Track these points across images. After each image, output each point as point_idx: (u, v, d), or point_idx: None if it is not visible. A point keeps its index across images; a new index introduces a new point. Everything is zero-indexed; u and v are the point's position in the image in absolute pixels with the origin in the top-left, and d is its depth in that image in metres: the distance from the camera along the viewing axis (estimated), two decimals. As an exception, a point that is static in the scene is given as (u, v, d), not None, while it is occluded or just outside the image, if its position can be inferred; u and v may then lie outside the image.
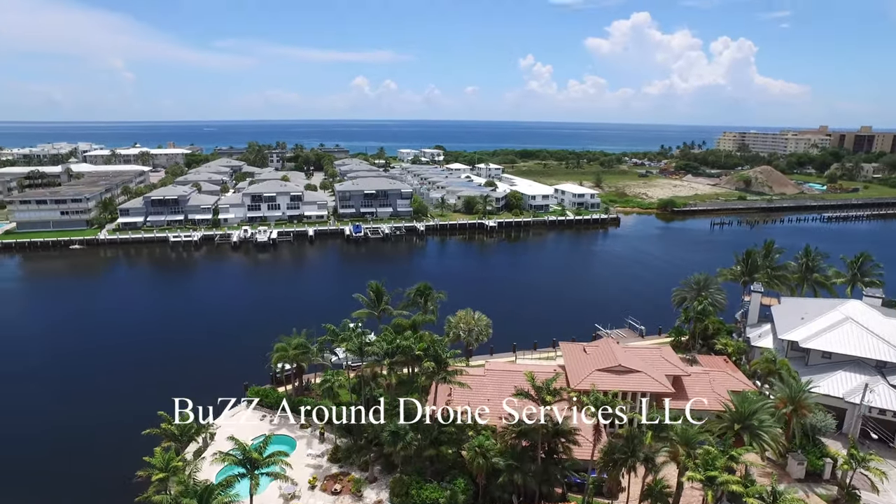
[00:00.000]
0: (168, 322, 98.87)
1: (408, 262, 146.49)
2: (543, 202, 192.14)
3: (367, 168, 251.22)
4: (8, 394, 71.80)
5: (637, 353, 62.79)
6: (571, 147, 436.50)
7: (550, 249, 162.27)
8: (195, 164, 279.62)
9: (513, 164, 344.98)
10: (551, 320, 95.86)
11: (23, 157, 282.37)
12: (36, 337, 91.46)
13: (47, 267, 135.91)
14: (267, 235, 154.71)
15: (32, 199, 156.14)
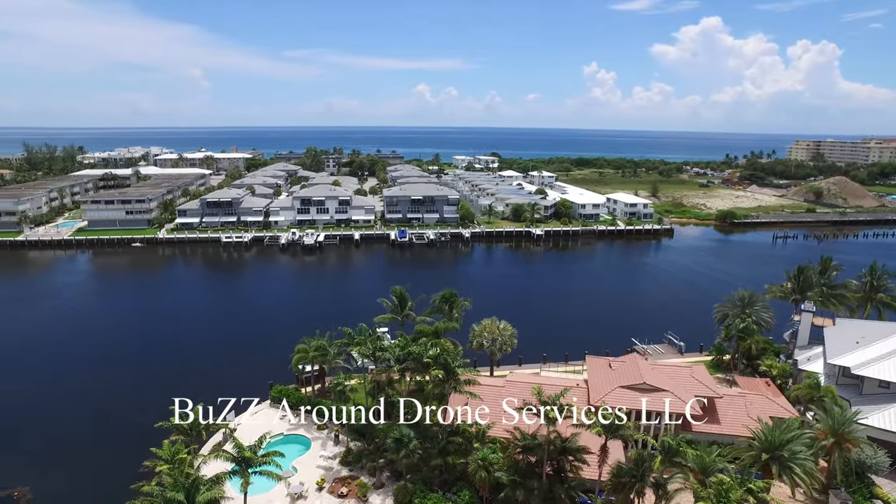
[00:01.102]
0: (211, 319, 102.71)
1: (449, 268, 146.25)
2: (594, 211, 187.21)
3: (419, 174, 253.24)
4: (65, 377, 76.38)
5: (666, 371, 59.47)
6: (630, 156, 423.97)
7: (597, 260, 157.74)
8: (254, 168, 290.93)
9: (568, 172, 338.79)
10: (587, 332, 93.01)
11: (102, 161, 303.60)
12: (95, 328, 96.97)
13: (111, 263, 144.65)
14: (314, 238, 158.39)
15: (102, 199, 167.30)
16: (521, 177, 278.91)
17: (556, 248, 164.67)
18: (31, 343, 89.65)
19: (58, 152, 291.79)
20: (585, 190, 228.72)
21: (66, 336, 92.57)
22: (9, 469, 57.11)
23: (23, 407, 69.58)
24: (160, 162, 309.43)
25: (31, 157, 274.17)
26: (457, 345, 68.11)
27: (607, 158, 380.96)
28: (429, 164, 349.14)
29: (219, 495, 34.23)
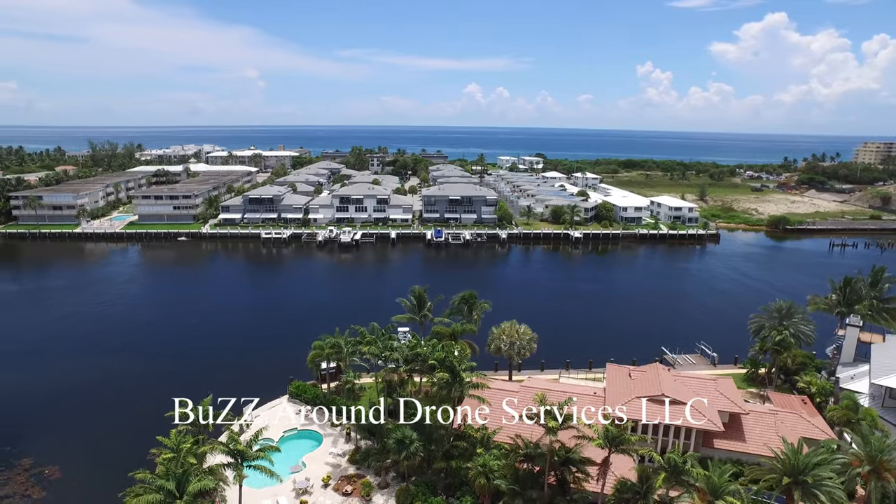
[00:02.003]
0: (244, 312, 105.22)
1: (483, 269, 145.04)
2: (636, 214, 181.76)
3: (460, 174, 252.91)
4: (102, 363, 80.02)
5: (688, 382, 56.64)
6: (681, 158, 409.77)
7: (636, 264, 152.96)
8: (300, 166, 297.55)
9: (614, 173, 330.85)
10: (616, 339, 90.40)
11: (157, 158, 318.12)
12: (136, 317, 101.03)
13: (156, 255, 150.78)
14: (350, 236, 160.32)
15: (151, 194, 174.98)
16: (565, 178, 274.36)
17: (596, 252, 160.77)
18: (74, 330, 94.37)
19: (119, 149, 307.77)
20: (629, 192, 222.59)
21: (107, 325, 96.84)
22: (44, 448, 60.12)
23: (62, 390, 73.16)
24: (211, 159, 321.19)
25: (95, 155, 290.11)
26: (474, 347, 67.40)
27: (655, 160, 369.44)
28: (473, 165, 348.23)
29: (209, 486, 34.55)
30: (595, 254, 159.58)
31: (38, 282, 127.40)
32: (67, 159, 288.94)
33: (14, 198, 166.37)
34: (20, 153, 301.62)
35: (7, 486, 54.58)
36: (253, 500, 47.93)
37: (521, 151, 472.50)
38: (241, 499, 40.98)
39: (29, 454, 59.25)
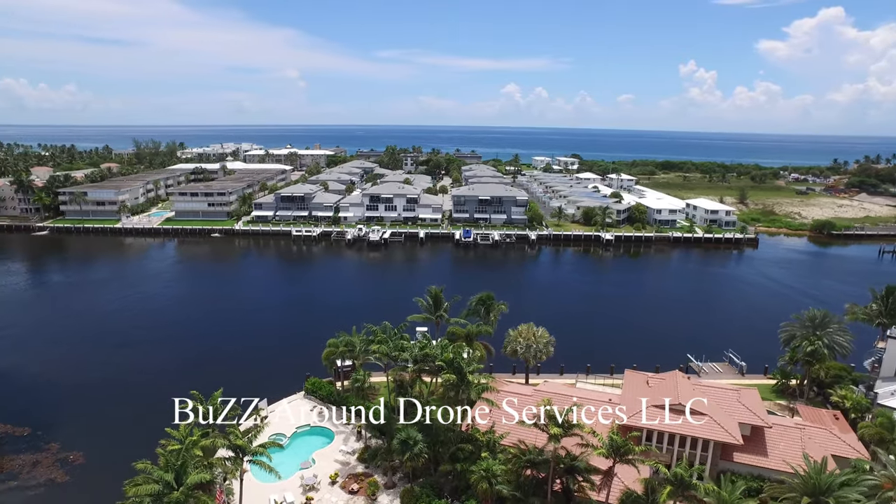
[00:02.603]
0: (270, 308, 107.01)
1: (510, 270, 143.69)
2: (670, 217, 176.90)
3: (492, 174, 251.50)
4: (129, 354, 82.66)
5: (708, 392, 54.37)
6: (723, 159, 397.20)
7: (669, 268, 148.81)
8: (335, 165, 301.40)
9: (651, 175, 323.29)
10: (642, 344, 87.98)
11: (197, 156, 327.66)
12: (166, 310, 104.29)
13: (190, 251, 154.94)
14: (379, 235, 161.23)
15: (187, 191, 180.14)
16: (599, 179, 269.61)
17: (627, 254, 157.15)
18: (108, 322, 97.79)
19: (162, 148, 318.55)
20: (664, 194, 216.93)
21: (139, 318, 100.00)
22: (71, 434, 62.36)
23: (92, 379, 75.88)
24: (248, 157, 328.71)
25: (139, 153, 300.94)
26: (490, 349, 66.60)
27: (694, 162, 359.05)
28: (506, 165, 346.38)
29: (206, 479, 34.91)
30: (627, 256, 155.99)
31: (79, 274, 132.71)
32: (114, 157, 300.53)
33: (62, 193, 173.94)
34: (71, 151, 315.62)
35: (36, 469, 56.88)
36: (260, 494, 48.46)
37: (558, 152, 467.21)
38: (242, 492, 41.35)
39: (57, 439, 61.53)
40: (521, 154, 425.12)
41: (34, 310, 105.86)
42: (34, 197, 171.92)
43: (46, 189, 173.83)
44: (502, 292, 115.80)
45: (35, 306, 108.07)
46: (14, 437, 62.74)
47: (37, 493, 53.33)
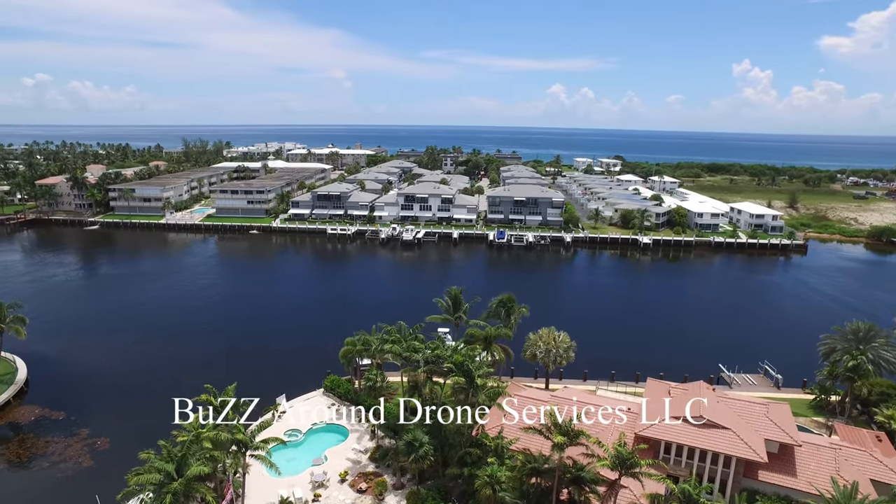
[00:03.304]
0: (299, 304, 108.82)
1: (544, 272, 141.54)
2: (712, 221, 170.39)
3: (529, 175, 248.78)
4: (160, 345, 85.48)
5: (735, 406, 51.76)
6: (775, 162, 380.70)
7: (709, 274, 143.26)
8: (374, 164, 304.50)
9: (696, 178, 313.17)
10: (672, 352, 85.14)
11: (242, 154, 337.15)
12: (201, 304, 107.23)
13: (229, 247, 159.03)
14: (412, 234, 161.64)
15: (228, 189, 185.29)
16: (641, 181, 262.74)
17: (666, 259, 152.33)
18: (147, 314, 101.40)
19: (209, 146, 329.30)
20: (708, 198, 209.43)
21: (175, 311, 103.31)
22: (100, 420, 64.86)
23: (125, 368, 78.74)
24: (291, 156, 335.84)
25: (187, 151, 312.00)
26: (509, 352, 65.48)
27: (743, 164, 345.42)
28: (547, 166, 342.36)
29: (206, 471, 35.31)
30: (665, 261, 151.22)
31: (124, 268, 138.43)
32: (163, 156, 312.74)
33: (112, 190, 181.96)
34: (125, 150, 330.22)
35: (66, 452, 59.44)
36: (270, 488, 48.97)
37: (601, 154, 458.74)
38: (245, 486, 41.71)
39: (88, 425, 64.15)
40: (563, 155, 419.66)
41: (80, 300, 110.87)
42: (87, 193, 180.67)
43: (98, 185, 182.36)
44: (532, 295, 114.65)
45: (81, 297, 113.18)
46: (51, 420, 65.83)
47: (64, 475, 55.55)
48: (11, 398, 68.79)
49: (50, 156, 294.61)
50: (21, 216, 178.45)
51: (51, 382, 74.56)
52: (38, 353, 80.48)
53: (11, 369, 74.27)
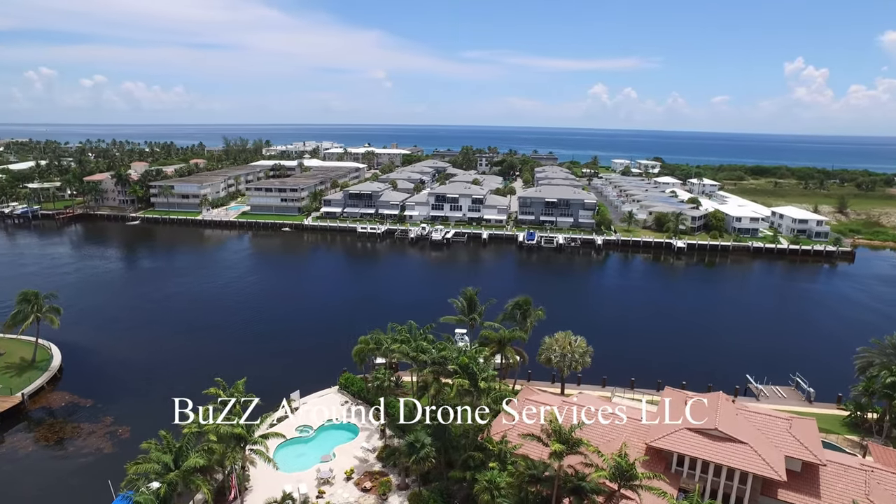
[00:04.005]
0: (324, 301, 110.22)
1: (573, 274, 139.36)
2: (751, 225, 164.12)
3: (564, 176, 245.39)
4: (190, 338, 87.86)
5: (754, 419, 49.37)
6: (825, 165, 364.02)
7: (745, 280, 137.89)
8: (409, 164, 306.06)
9: (739, 180, 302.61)
10: (698, 360, 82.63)
11: (280, 153, 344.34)
12: (229, 299, 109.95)
13: (262, 244, 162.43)
14: (441, 234, 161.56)
15: (262, 187, 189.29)
16: (680, 184, 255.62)
17: (701, 264, 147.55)
18: (178, 307, 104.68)
19: (249, 145, 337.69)
20: (749, 201, 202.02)
21: (206, 306, 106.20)
22: (123, 409, 67.03)
23: (152, 359, 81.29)
24: (328, 155, 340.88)
25: (228, 149, 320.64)
26: (524, 356, 64.47)
27: (790, 167, 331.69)
28: (584, 167, 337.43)
29: (201, 464, 35.78)
30: (701, 266, 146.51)
31: (161, 262, 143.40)
32: (205, 154, 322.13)
33: (153, 187, 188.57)
34: (169, 148, 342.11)
35: (90, 437, 61.72)
36: (277, 482, 49.43)
37: (640, 155, 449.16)
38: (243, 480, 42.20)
39: (112, 413, 66.42)
40: (602, 157, 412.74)
41: (117, 292, 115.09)
42: (130, 189, 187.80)
43: (140, 182, 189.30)
44: (557, 298, 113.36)
45: (118, 289, 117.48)
46: (79, 406, 68.50)
47: (86, 460, 57.57)
48: (45, 384, 71.89)
49: (101, 153, 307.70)
50: (70, 211, 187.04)
51: (82, 370, 77.56)
52: (73, 341, 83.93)
53: (47, 356, 77.66)
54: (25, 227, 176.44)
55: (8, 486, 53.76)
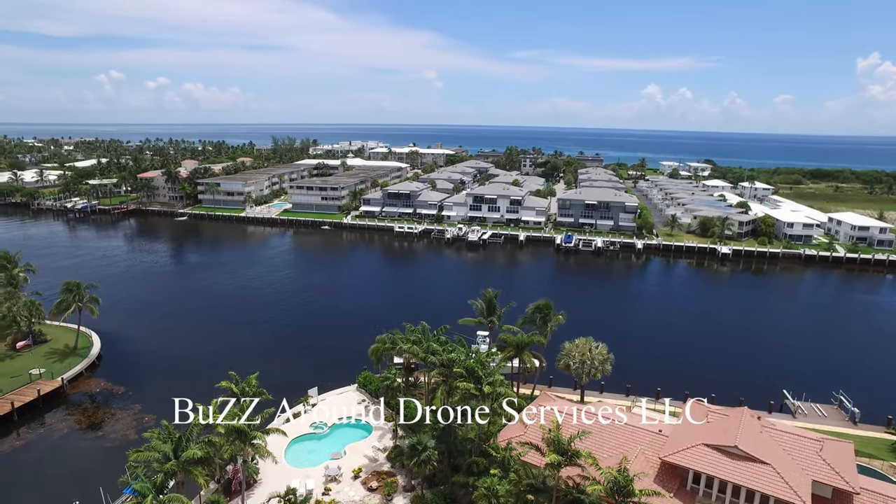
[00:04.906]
0: (356, 298, 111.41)
1: (610, 279, 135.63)
2: (804, 232, 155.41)
3: (607, 178, 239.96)
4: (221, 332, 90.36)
5: (781, 438, 46.27)
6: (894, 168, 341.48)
7: (795, 290, 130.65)
8: (452, 164, 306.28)
9: (796, 184, 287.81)
10: (733, 372, 78.52)
11: (325, 152, 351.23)
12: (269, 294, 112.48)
13: (301, 241, 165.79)
14: (478, 235, 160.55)
15: (304, 185, 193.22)
16: (730, 187, 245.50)
17: (748, 271, 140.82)
18: (215, 301, 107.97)
19: (296, 144, 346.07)
20: (804, 206, 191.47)
21: (243, 300, 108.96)
22: (151, 398, 69.28)
23: (184, 350, 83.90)
24: (373, 155, 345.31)
25: (276, 148, 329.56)
26: (542, 361, 62.91)
27: (855, 171, 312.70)
28: (630, 169, 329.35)
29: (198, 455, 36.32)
30: (748, 273, 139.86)
31: (202, 257, 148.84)
32: (254, 152, 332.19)
33: (200, 184, 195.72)
34: (219, 146, 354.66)
35: (117, 423, 64.31)
36: (285, 477, 49.95)
37: (692, 157, 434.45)
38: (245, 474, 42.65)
39: (141, 401, 68.87)
40: (652, 158, 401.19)
41: (159, 285, 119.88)
42: (179, 186, 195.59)
43: (188, 179, 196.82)
44: (587, 302, 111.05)
45: (160, 282, 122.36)
46: (112, 393, 71.49)
47: (111, 444, 59.89)
48: (84, 370, 75.37)
49: (157, 152, 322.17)
50: (124, 206, 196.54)
51: (119, 358, 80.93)
52: (114, 330, 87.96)
53: (88, 343, 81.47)
54: (84, 221, 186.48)
55: (40, 463, 56.59)
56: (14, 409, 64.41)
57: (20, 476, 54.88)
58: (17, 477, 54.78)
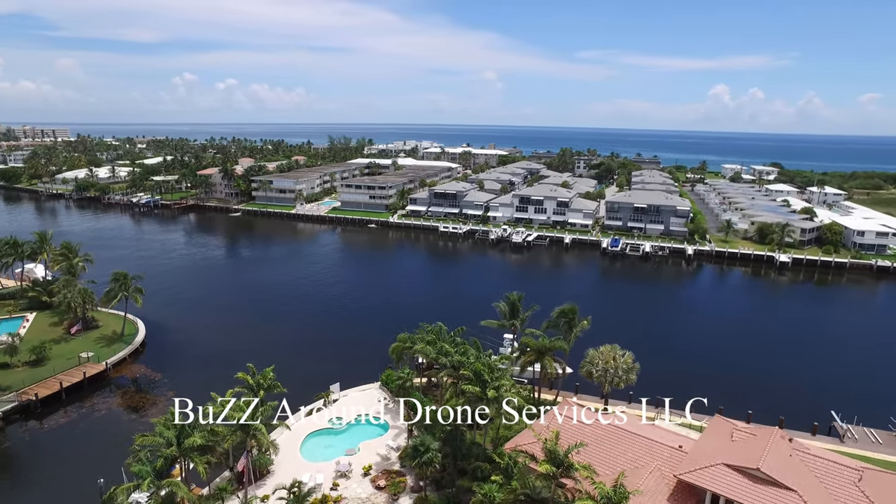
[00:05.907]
0: (397, 297, 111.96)
1: (656, 285, 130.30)
2: (877, 241, 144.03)
3: (661, 181, 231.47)
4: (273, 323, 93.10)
5: (813, 464, 42.73)
6: None
7: (862, 303, 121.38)
8: (503, 164, 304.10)
9: (875, 189, 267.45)
10: (776, 388, 73.59)
11: (379, 152, 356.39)
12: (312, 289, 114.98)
13: (349, 238, 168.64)
14: (522, 237, 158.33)
15: (353, 184, 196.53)
16: (797, 192, 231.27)
17: (810, 282, 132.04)
18: (259, 295, 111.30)
19: (352, 143, 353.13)
20: (882, 213, 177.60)
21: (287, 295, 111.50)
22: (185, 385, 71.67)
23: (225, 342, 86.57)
24: (426, 155, 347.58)
25: (332, 147, 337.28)
26: (563, 366, 61.05)
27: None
28: (689, 172, 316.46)
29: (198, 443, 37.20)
30: (810, 284, 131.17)
31: (252, 252, 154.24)
32: (311, 151, 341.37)
33: (254, 181, 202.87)
34: (278, 145, 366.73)
35: (151, 409, 67.20)
36: (296, 469, 50.67)
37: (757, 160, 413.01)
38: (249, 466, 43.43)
39: (175, 388, 71.54)
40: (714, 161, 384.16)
41: (207, 277, 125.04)
42: (234, 183, 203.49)
43: (243, 177, 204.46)
44: (626, 308, 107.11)
45: (209, 274, 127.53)
46: (150, 379, 74.92)
47: (142, 428, 61.69)
48: (128, 356, 79.38)
49: (220, 150, 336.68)
50: (183, 202, 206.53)
51: (162, 346, 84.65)
52: (160, 319, 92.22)
53: (134, 331, 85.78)
54: (147, 215, 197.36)
55: (77, 440, 60.19)
56: (62, 388, 68.61)
57: (60, 452, 58.40)
58: (58, 453, 58.29)
